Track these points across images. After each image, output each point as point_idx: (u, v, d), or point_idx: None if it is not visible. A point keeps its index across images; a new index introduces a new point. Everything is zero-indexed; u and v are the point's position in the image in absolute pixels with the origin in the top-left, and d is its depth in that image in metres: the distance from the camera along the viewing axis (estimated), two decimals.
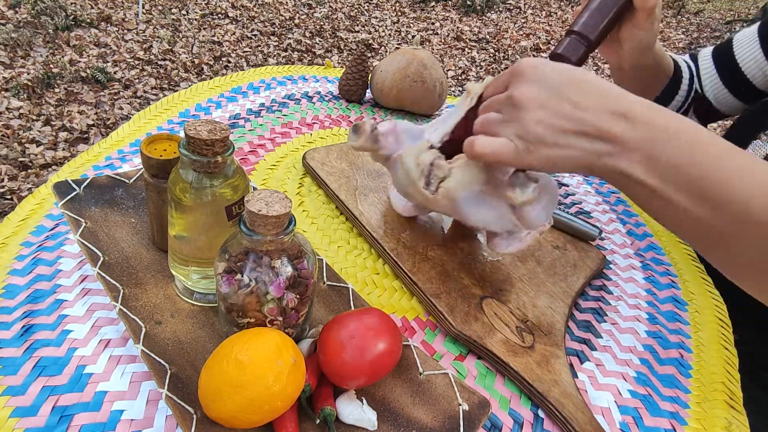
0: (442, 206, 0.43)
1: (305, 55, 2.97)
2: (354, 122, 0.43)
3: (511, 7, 4.40)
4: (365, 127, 0.43)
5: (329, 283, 0.46)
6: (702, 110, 0.67)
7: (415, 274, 0.49)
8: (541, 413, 0.41)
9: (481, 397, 0.38)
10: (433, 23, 3.87)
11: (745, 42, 0.61)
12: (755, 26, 0.61)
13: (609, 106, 0.33)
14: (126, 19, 2.91)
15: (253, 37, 3.08)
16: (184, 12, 3.21)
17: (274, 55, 2.88)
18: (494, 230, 0.45)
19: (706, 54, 0.66)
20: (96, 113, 2.03)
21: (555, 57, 0.44)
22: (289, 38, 3.13)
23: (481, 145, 0.37)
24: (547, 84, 0.34)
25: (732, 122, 0.66)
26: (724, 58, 0.63)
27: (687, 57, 0.69)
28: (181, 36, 2.87)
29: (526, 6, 4.48)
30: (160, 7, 3.18)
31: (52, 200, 0.52)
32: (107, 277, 0.41)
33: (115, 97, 2.18)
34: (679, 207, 0.32)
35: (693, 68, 0.68)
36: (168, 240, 0.40)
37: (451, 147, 0.44)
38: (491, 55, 3.44)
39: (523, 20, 4.17)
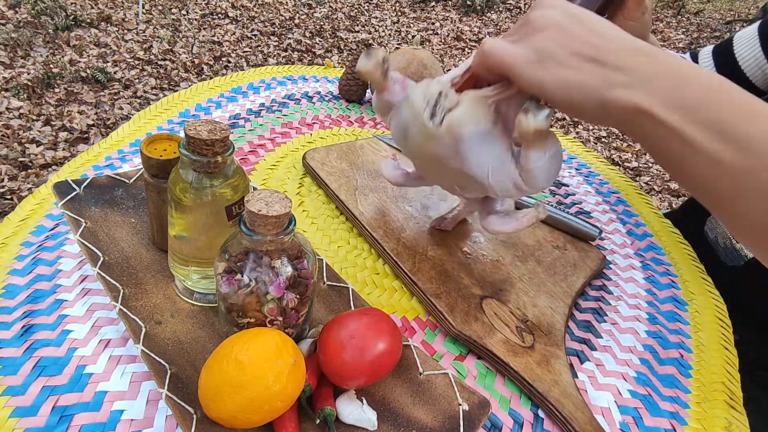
0: (443, 151, 0.39)
1: (305, 55, 2.97)
2: (369, 50, 0.40)
3: (511, 7, 4.40)
4: (379, 54, 0.40)
5: (329, 283, 0.46)
6: None
7: (415, 274, 0.49)
8: (541, 413, 0.41)
9: (481, 397, 0.38)
10: (433, 23, 3.87)
11: (745, 41, 0.61)
12: (755, 25, 0.62)
13: (628, 42, 0.31)
14: (126, 19, 2.91)
15: (253, 37, 3.08)
16: (184, 12, 3.21)
17: (274, 55, 2.88)
18: (492, 187, 0.40)
19: (706, 53, 0.66)
20: (96, 113, 2.03)
21: None
22: (289, 38, 3.13)
23: (492, 44, 0.34)
24: (565, 12, 0.33)
25: None
26: (725, 56, 0.63)
27: (687, 56, 0.69)
28: (181, 36, 2.87)
29: (526, 6, 4.48)
30: (160, 7, 3.18)
31: (52, 200, 0.52)
32: (107, 277, 0.41)
33: (115, 97, 2.18)
34: (700, 148, 0.29)
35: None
36: (168, 240, 0.40)
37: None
38: None
39: None
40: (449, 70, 2.93)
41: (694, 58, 0.68)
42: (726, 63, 0.63)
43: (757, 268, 0.58)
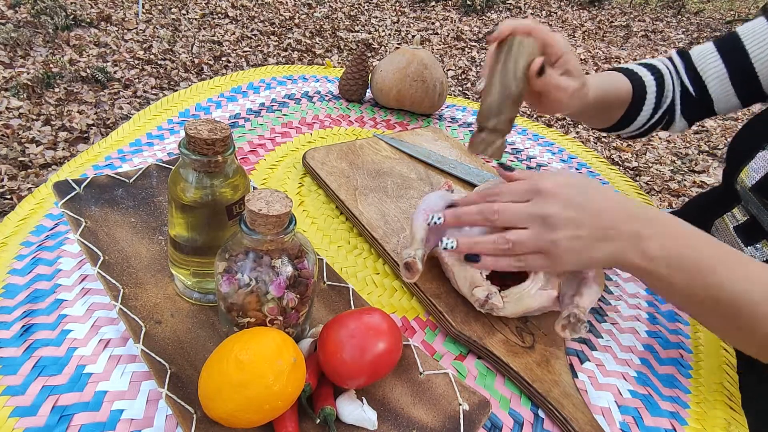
0: None
1: (305, 54, 2.97)
2: (404, 262, 0.44)
3: (511, 7, 4.40)
4: (417, 265, 0.44)
5: (329, 282, 0.46)
6: (689, 111, 0.66)
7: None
8: (541, 413, 0.41)
9: (482, 397, 0.38)
10: (433, 23, 3.87)
11: (756, 36, 0.59)
12: (761, 19, 0.59)
13: (628, 212, 0.40)
14: (126, 19, 2.91)
15: (253, 36, 3.08)
16: (184, 12, 3.21)
17: (274, 55, 2.88)
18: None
19: (707, 52, 0.63)
20: (96, 113, 2.03)
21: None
22: (289, 38, 3.13)
23: (521, 266, 0.41)
24: (573, 204, 0.39)
25: (736, 133, 0.65)
26: (736, 54, 0.61)
27: (673, 54, 0.67)
28: (181, 36, 2.87)
29: (526, 6, 4.48)
30: (160, 7, 3.18)
31: (51, 200, 0.52)
32: (107, 277, 0.41)
33: (115, 97, 2.18)
34: (700, 304, 0.39)
35: (675, 69, 0.66)
36: (168, 239, 0.40)
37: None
38: None
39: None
40: (449, 70, 2.91)
41: (683, 56, 0.66)
42: (737, 60, 0.60)
43: None
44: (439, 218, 0.44)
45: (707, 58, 0.63)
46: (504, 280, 0.44)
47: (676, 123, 0.67)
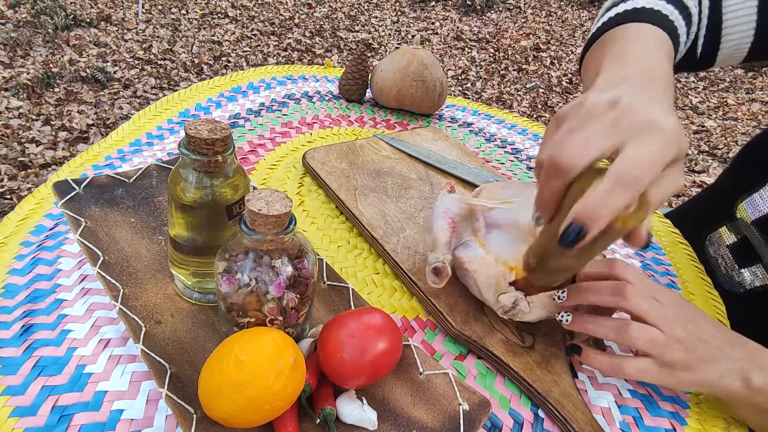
0: None
1: (305, 54, 2.97)
2: (433, 267, 0.43)
3: (511, 7, 4.40)
4: (447, 270, 0.43)
5: (329, 282, 0.46)
6: (681, 65, 0.54)
7: (415, 274, 0.49)
8: (541, 413, 0.41)
9: (482, 397, 0.38)
10: (433, 23, 3.87)
11: None
12: None
13: (732, 341, 0.40)
14: (126, 19, 2.91)
15: (253, 36, 3.08)
16: (183, 12, 3.21)
17: (274, 55, 2.88)
18: None
19: None
20: (96, 113, 2.03)
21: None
22: (289, 38, 3.13)
23: (621, 369, 0.39)
24: (688, 322, 0.39)
25: (738, 155, 0.62)
26: None
27: None
28: (180, 35, 2.87)
29: (526, 6, 4.48)
30: (159, 7, 3.18)
31: (51, 200, 0.52)
32: (107, 277, 0.41)
33: (115, 97, 2.18)
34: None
35: (699, 16, 0.49)
36: (168, 239, 0.40)
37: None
38: (491, 54, 3.44)
39: (523, 20, 4.17)
40: (449, 69, 2.91)
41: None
42: None
43: (756, 297, 0.56)
44: (568, 316, 0.42)
45: (741, 10, 0.48)
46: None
47: None
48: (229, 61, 2.70)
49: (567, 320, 0.41)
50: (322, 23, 3.45)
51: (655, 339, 0.38)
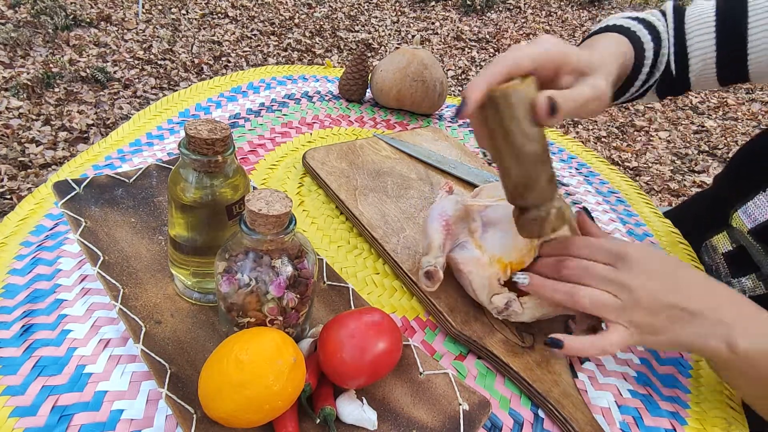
0: None
1: (305, 54, 2.97)
2: (425, 270, 0.44)
3: (511, 7, 4.40)
4: (439, 273, 0.43)
5: (329, 282, 0.46)
6: (664, 89, 0.58)
7: (415, 274, 0.49)
8: (541, 413, 0.41)
9: (482, 397, 0.38)
10: (433, 23, 3.87)
11: (764, 11, 0.50)
12: None
13: (717, 298, 0.38)
14: (126, 19, 2.91)
15: (253, 36, 3.08)
16: (183, 12, 3.21)
17: (274, 55, 2.88)
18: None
19: (704, 19, 0.53)
20: (96, 113, 2.03)
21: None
22: (289, 38, 3.13)
23: (602, 347, 0.38)
24: (660, 279, 0.38)
25: (730, 161, 0.61)
26: (731, 30, 0.52)
27: (668, 8, 0.56)
28: (180, 35, 2.87)
29: (526, 6, 4.48)
30: (159, 7, 3.18)
31: (51, 200, 0.52)
32: (107, 277, 0.41)
33: (115, 97, 2.18)
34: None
35: (666, 31, 0.55)
36: (168, 239, 0.40)
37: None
38: (491, 54, 3.44)
39: (523, 20, 4.17)
40: (449, 69, 2.91)
41: (678, 16, 0.55)
42: (732, 42, 0.51)
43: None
44: (525, 278, 0.42)
45: (701, 29, 0.53)
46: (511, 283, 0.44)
47: (646, 98, 0.60)
48: (229, 61, 2.70)
49: (524, 282, 0.42)
50: (322, 23, 3.45)
51: (607, 303, 0.38)
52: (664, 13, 0.57)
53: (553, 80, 0.39)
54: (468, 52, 3.43)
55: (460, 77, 3.03)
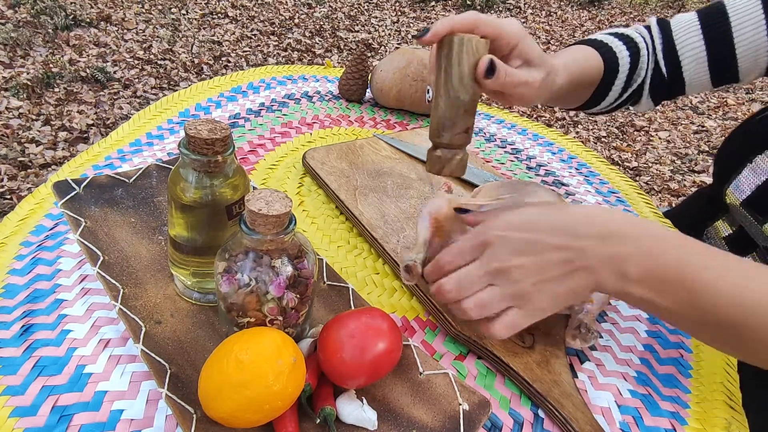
0: None
1: (305, 54, 2.97)
2: (404, 265, 0.44)
3: (511, 7, 4.40)
4: (417, 269, 0.43)
5: (329, 282, 0.46)
6: (657, 92, 0.61)
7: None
8: (541, 413, 0.41)
9: (482, 397, 0.38)
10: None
11: (743, 14, 0.53)
12: None
13: (596, 235, 0.36)
14: (126, 19, 2.91)
15: (253, 36, 3.08)
16: (183, 12, 3.21)
17: (274, 55, 2.88)
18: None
19: (689, 26, 0.57)
20: (96, 113, 2.03)
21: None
22: (288, 38, 3.13)
23: (497, 332, 0.38)
24: (526, 244, 0.36)
25: (722, 144, 0.63)
26: (717, 32, 0.55)
27: (653, 23, 0.60)
28: (180, 35, 2.87)
29: (526, 6, 4.48)
30: (159, 7, 3.18)
31: (51, 200, 0.52)
32: (107, 277, 0.41)
33: (115, 97, 2.18)
34: (694, 325, 0.36)
35: (652, 45, 0.60)
36: (168, 239, 0.40)
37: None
38: None
39: (522, 20, 4.17)
40: None
41: (664, 29, 0.59)
42: (719, 39, 0.54)
43: None
44: (417, 255, 0.42)
45: (688, 34, 0.57)
46: None
47: (643, 103, 0.63)
48: (229, 61, 2.70)
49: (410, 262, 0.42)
50: (322, 23, 3.45)
51: (489, 299, 0.37)
52: (648, 28, 0.61)
53: (504, 57, 0.42)
54: None
55: None
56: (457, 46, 0.38)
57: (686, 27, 0.57)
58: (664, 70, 0.59)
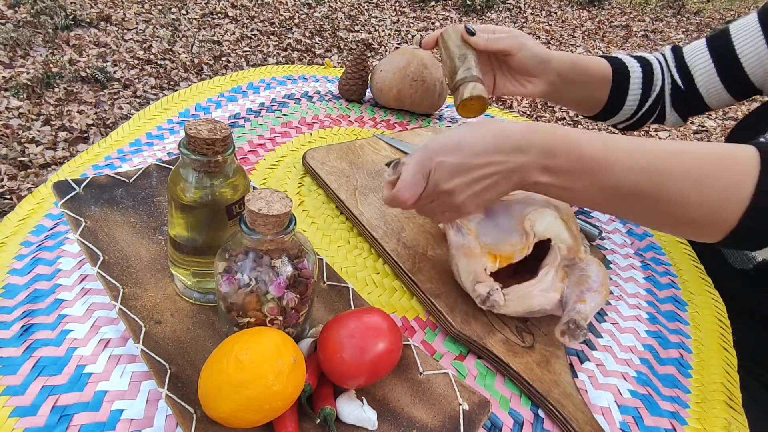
0: None
1: (305, 54, 2.97)
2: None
3: (511, 7, 4.40)
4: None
5: (329, 282, 0.46)
6: (680, 105, 0.65)
7: (415, 274, 0.49)
8: (541, 413, 0.41)
9: (482, 397, 0.38)
10: (433, 23, 3.87)
11: (744, 32, 0.58)
12: (753, 15, 0.58)
13: (499, 147, 0.41)
14: (126, 19, 2.91)
15: (253, 36, 3.08)
16: (183, 11, 3.21)
17: (274, 55, 2.88)
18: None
19: (698, 48, 0.63)
20: (96, 113, 2.03)
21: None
22: (288, 38, 3.13)
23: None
24: (452, 171, 0.42)
25: (735, 124, 0.65)
26: (723, 50, 0.60)
27: (666, 50, 0.66)
28: (180, 35, 2.87)
29: (526, 6, 4.48)
30: (159, 7, 3.18)
31: (51, 200, 0.52)
32: (107, 277, 0.41)
33: (115, 97, 2.18)
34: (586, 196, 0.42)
35: (666, 62, 0.65)
36: (168, 239, 0.40)
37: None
38: None
39: (523, 20, 4.18)
40: None
41: (676, 53, 0.64)
42: (724, 57, 0.60)
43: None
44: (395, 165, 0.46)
45: (697, 53, 0.62)
46: (507, 280, 0.44)
47: (668, 117, 0.66)
48: (229, 61, 2.70)
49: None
50: (322, 23, 3.45)
51: (428, 213, 0.45)
52: (663, 54, 0.67)
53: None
54: None
55: None
56: (445, 32, 0.58)
57: (695, 49, 0.63)
58: (680, 82, 0.64)
